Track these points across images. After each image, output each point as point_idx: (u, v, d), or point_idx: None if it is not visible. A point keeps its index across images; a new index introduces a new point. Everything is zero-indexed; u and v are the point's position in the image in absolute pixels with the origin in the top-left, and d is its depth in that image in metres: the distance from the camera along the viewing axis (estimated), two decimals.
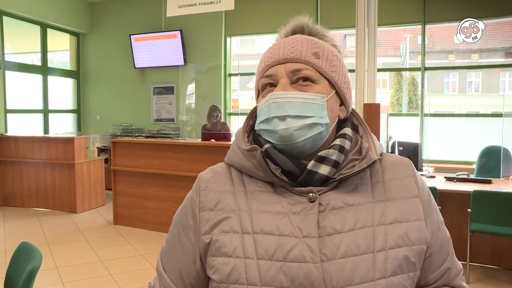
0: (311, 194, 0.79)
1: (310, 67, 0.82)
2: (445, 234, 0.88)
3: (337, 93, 0.85)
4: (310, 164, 0.80)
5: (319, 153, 0.81)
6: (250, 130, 0.91)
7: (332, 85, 0.84)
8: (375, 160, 0.81)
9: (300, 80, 0.82)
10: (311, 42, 0.85)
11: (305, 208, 0.78)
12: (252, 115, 0.93)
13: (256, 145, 0.83)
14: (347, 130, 0.86)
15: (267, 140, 0.83)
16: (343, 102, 0.87)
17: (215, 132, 5.71)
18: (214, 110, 5.85)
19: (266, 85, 0.85)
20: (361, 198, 0.81)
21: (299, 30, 0.90)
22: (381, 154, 0.87)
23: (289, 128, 0.78)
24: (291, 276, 0.73)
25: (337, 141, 0.83)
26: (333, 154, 0.81)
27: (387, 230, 0.78)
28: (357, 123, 0.90)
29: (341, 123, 0.88)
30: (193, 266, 0.85)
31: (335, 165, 0.81)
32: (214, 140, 5.44)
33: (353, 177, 0.82)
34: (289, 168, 0.80)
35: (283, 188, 0.82)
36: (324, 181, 0.81)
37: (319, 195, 0.79)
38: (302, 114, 0.79)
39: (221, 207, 0.82)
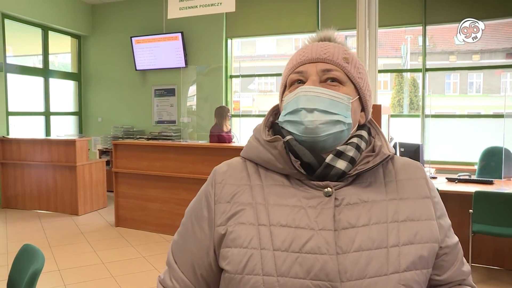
0: (327, 188, 0.82)
1: (340, 69, 0.87)
2: (455, 236, 0.91)
3: (360, 99, 0.90)
4: (329, 158, 0.83)
5: (337, 147, 0.84)
6: (270, 126, 0.94)
7: (357, 90, 0.89)
8: (388, 156, 0.85)
9: (329, 80, 0.86)
10: (342, 48, 0.90)
11: (322, 202, 0.80)
12: (273, 113, 0.96)
13: (278, 136, 0.86)
14: (363, 133, 0.90)
15: (290, 133, 0.86)
16: (363, 108, 0.92)
17: (227, 134, 5.60)
18: (228, 111, 5.72)
19: (295, 81, 0.88)
20: (375, 195, 0.83)
21: (326, 40, 0.94)
22: (393, 157, 0.91)
23: (315, 121, 0.82)
24: (306, 268, 0.75)
25: (354, 139, 0.87)
26: (350, 151, 0.84)
27: (400, 227, 0.80)
28: (369, 125, 0.95)
29: (359, 128, 0.93)
30: (206, 257, 0.86)
31: (352, 161, 0.84)
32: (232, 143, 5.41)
33: (367, 175, 0.85)
34: (308, 160, 0.83)
35: (299, 181, 0.84)
36: (340, 177, 0.83)
37: (335, 190, 0.82)
38: (329, 110, 0.83)
39: (237, 200, 0.84)
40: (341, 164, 0.82)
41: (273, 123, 0.94)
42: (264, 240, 0.78)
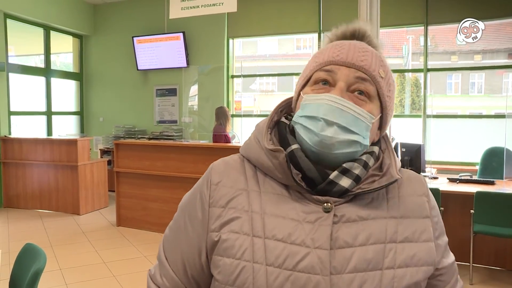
0: (327, 204, 0.78)
1: (373, 83, 0.80)
2: (451, 254, 0.88)
3: (381, 117, 0.84)
4: (333, 175, 0.78)
5: (343, 164, 0.79)
6: (273, 126, 0.88)
7: (382, 109, 0.83)
8: (396, 180, 0.80)
9: (356, 92, 0.80)
10: (379, 59, 0.83)
11: (320, 218, 0.77)
12: (278, 110, 0.90)
13: (281, 148, 0.81)
14: (375, 149, 0.84)
15: (298, 137, 0.81)
16: (381, 126, 0.86)
17: (226, 134, 5.61)
18: (228, 111, 5.74)
19: (321, 80, 0.82)
20: (376, 212, 0.79)
21: (360, 36, 0.87)
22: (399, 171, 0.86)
23: (333, 138, 0.76)
24: (298, 286, 0.72)
25: (363, 157, 0.81)
26: (357, 168, 0.79)
27: (397, 248, 0.77)
28: (381, 138, 0.89)
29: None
30: (197, 259, 0.83)
31: (357, 179, 0.79)
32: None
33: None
34: (312, 175, 0.78)
35: (298, 193, 0.80)
36: (342, 193, 0.79)
37: (335, 206, 0.78)
38: (350, 127, 0.77)
39: (232, 206, 0.80)
40: (345, 182, 0.78)
41: (276, 122, 0.88)
42: (257, 253, 0.75)
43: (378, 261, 0.75)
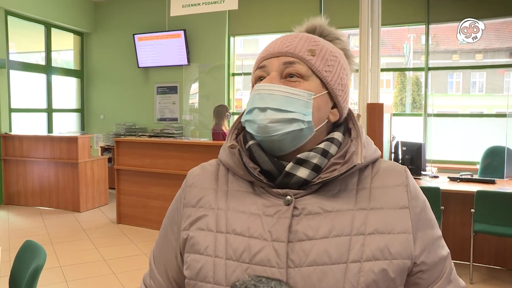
0: (287, 196, 0.77)
1: (302, 62, 0.80)
2: (441, 251, 0.81)
3: (329, 94, 0.82)
4: (289, 166, 0.78)
5: (298, 155, 0.78)
6: (242, 128, 0.89)
7: (324, 85, 0.81)
8: (354, 166, 0.77)
9: (289, 76, 0.80)
10: (310, 39, 0.83)
11: (279, 211, 0.76)
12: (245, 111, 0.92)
13: (235, 143, 0.83)
14: (336, 135, 0.82)
15: (251, 135, 0.82)
16: (335, 105, 0.84)
17: (224, 132, 5.60)
18: (227, 109, 5.69)
19: (259, 77, 0.83)
20: (342, 204, 0.77)
21: (311, 30, 0.89)
22: (375, 161, 0.84)
23: (266, 119, 0.76)
24: None
25: (321, 145, 0.80)
26: (314, 158, 0.78)
27: (366, 240, 0.73)
28: (351, 126, 0.86)
29: (335, 127, 0.86)
30: (175, 260, 0.87)
31: (316, 169, 0.78)
32: None
33: (336, 183, 0.79)
34: (267, 168, 0.79)
35: (262, 189, 0.80)
36: (303, 185, 0.78)
37: (295, 198, 0.77)
38: (283, 108, 0.77)
39: (202, 205, 0.83)
40: (302, 173, 0.77)
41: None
42: (219, 248, 0.76)
43: (341, 254, 0.72)
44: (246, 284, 0.70)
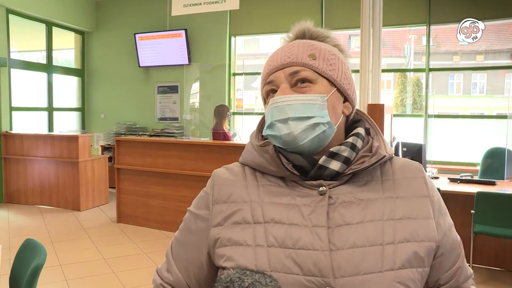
0: (321, 188, 0.81)
1: (307, 68, 0.84)
2: (455, 236, 0.90)
3: (338, 90, 0.87)
4: (322, 160, 0.82)
5: (330, 149, 0.83)
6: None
7: (332, 83, 0.86)
8: (384, 156, 0.83)
9: (299, 83, 0.84)
10: (307, 45, 0.87)
11: (315, 200, 0.81)
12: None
13: (268, 140, 0.86)
14: (360, 130, 0.88)
15: None
16: (346, 99, 0.89)
17: (225, 132, 5.60)
18: (228, 109, 5.66)
19: (269, 92, 0.88)
20: (371, 193, 0.83)
21: (300, 35, 0.92)
22: (392, 157, 0.89)
23: (292, 132, 0.80)
24: (299, 263, 0.75)
25: (350, 139, 0.85)
26: (345, 151, 0.83)
27: (396, 225, 0.80)
28: (368, 126, 0.93)
29: (354, 123, 0.92)
30: (198, 256, 0.88)
31: (346, 161, 0.83)
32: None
33: (363, 174, 0.85)
34: (300, 163, 0.83)
35: (294, 182, 0.84)
36: (335, 176, 0.83)
37: (329, 188, 0.82)
38: (303, 115, 0.81)
39: (233, 200, 0.85)
40: (334, 165, 0.82)
41: None
42: (258, 237, 0.79)
43: (377, 237, 0.78)
44: (231, 277, 0.74)
